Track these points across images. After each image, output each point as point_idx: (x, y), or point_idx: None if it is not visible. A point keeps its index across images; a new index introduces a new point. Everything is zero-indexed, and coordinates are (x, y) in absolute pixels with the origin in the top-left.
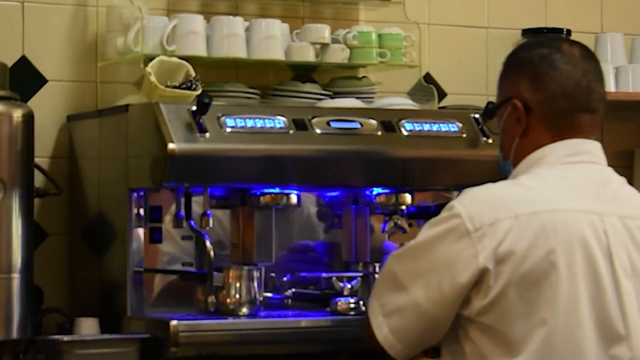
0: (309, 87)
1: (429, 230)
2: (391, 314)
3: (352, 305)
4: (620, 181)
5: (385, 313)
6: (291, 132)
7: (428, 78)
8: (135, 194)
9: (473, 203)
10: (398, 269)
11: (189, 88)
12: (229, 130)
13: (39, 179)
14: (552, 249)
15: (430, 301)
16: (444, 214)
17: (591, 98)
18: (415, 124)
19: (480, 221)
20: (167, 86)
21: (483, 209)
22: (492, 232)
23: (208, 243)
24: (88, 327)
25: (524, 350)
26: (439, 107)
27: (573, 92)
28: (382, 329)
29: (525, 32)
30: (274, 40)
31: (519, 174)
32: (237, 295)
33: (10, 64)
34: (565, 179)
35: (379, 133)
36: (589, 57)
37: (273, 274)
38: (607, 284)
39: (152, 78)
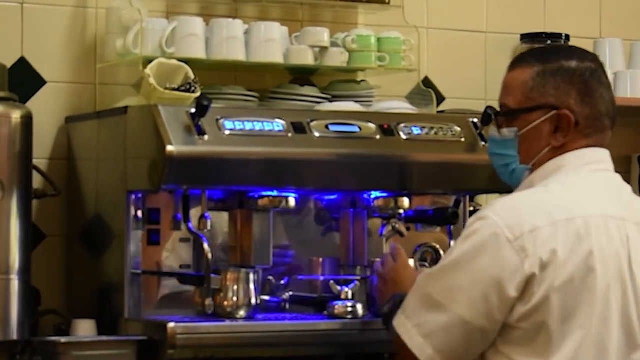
0: (307, 90)
1: (463, 245)
2: (433, 334)
3: (350, 309)
4: (630, 188)
5: (425, 334)
6: (290, 135)
7: (427, 82)
8: (133, 196)
9: (508, 211)
10: (432, 288)
11: (187, 90)
12: (227, 132)
13: (37, 181)
14: (589, 253)
15: (477, 315)
16: (476, 225)
17: (615, 115)
18: (414, 128)
19: (520, 230)
20: (166, 88)
21: (520, 217)
22: (532, 239)
23: (206, 245)
24: (85, 328)
25: (556, 354)
26: (438, 111)
27: (612, 110)
28: (426, 350)
29: (524, 37)
30: (273, 43)
31: (535, 183)
32: (235, 298)
33: (9, 65)
34: (589, 185)
35: (378, 137)
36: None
37: (271, 277)
38: (629, 290)
39: (151, 80)
